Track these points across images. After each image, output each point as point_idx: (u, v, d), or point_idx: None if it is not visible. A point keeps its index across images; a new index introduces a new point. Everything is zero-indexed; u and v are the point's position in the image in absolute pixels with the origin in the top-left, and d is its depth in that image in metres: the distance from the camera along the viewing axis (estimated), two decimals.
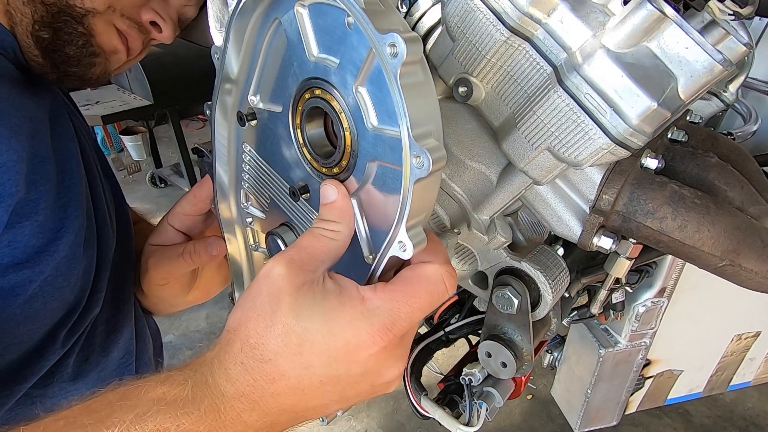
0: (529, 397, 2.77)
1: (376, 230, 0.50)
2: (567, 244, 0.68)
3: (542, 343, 1.29)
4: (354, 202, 0.50)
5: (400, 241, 0.44)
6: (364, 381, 0.45)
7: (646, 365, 1.31)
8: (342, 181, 0.51)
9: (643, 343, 1.22)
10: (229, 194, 0.70)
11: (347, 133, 0.48)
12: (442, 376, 1.06)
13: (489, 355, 0.69)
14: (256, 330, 0.43)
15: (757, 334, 1.40)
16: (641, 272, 1.09)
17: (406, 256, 0.45)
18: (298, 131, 0.54)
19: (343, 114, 0.47)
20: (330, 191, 0.49)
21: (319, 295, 0.43)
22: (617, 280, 0.91)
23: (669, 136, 0.72)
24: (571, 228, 0.60)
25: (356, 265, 0.52)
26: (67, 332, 0.68)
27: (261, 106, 0.58)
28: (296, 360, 0.42)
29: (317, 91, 0.49)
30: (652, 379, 1.38)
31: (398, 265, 0.47)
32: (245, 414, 0.43)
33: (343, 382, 0.44)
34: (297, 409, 0.45)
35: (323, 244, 0.47)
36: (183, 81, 3.65)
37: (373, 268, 0.48)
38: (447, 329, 1.00)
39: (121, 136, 4.31)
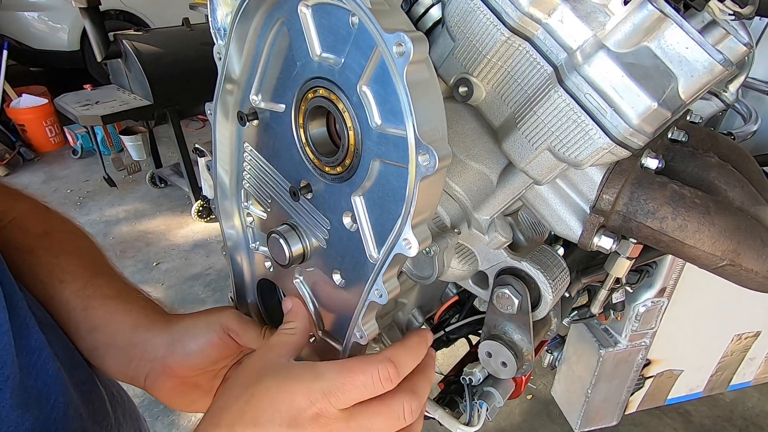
0: (529, 397, 2.77)
1: (380, 230, 0.50)
2: (567, 244, 0.68)
3: (542, 343, 1.29)
4: (358, 200, 0.50)
5: (405, 239, 0.45)
6: None
7: (646, 365, 1.31)
8: (345, 180, 0.51)
9: (643, 343, 1.23)
10: (230, 194, 0.70)
11: (351, 132, 0.48)
12: (442, 376, 1.06)
13: (489, 355, 0.69)
14: (223, 400, 0.50)
15: (757, 334, 1.40)
16: (641, 272, 1.09)
17: (411, 253, 0.45)
18: (301, 130, 0.54)
19: (346, 113, 0.47)
20: (286, 304, 0.63)
21: (282, 370, 0.51)
22: (617, 280, 0.91)
23: (669, 136, 0.72)
24: (572, 228, 0.61)
25: (361, 267, 0.52)
26: None
27: (263, 105, 0.58)
28: (250, 427, 0.47)
29: (320, 91, 0.49)
30: (652, 379, 1.38)
31: (403, 263, 0.47)
32: None
33: None
34: None
35: (285, 339, 0.58)
36: (183, 81, 3.65)
37: (377, 266, 0.49)
38: (447, 329, 1.00)
39: (121, 136, 4.30)
